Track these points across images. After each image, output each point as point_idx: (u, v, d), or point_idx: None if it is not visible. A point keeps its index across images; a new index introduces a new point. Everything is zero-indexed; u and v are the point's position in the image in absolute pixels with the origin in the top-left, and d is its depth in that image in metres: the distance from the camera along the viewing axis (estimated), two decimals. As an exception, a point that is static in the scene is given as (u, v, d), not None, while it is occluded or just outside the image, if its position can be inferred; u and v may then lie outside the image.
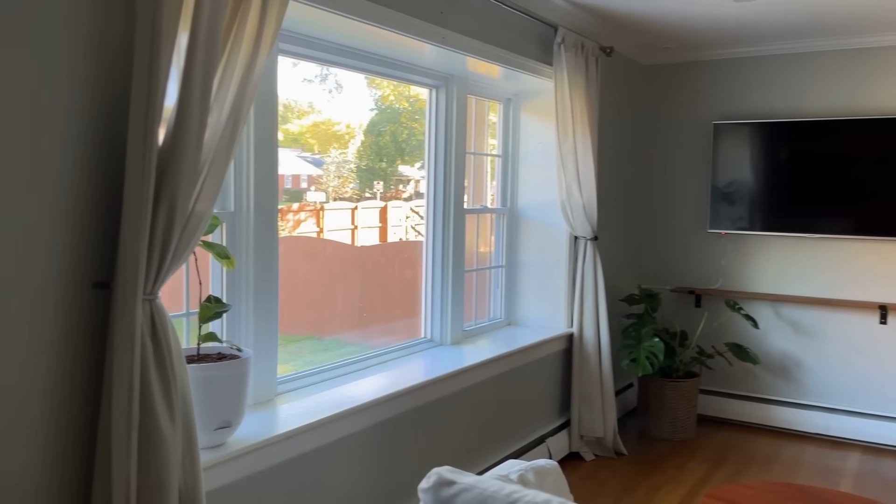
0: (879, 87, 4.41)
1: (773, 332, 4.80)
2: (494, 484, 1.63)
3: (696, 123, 5.02)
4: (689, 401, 4.59)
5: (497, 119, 4.29)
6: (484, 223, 4.26)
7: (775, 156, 4.64)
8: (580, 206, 4.08)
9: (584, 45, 4.02)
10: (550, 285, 4.30)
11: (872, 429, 4.50)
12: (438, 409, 3.20)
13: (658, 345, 4.34)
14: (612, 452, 4.29)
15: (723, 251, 4.95)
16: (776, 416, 4.78)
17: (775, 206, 4.65)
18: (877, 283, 4.47)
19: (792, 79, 4.67)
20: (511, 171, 4.34)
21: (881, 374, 4.48)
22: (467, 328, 3.99)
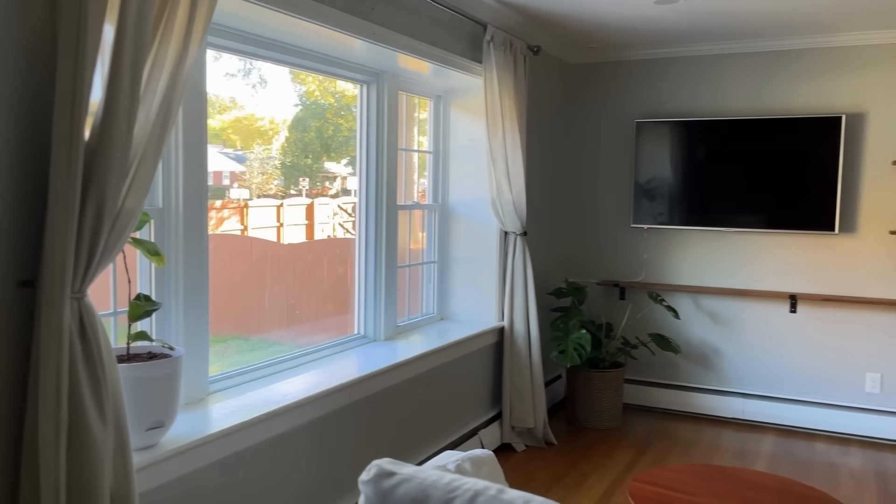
0: (789, 89, 4.66)
1: (693, 323, 5.00)
2: (434, 474, 1.66)
3: (619, 121, 5.18)
4: (615, 390, 4.74)
5: (428, 115, 4.31)
6: (416, 219, 4.29)
7: (694, 153, 4.84)
8: (510, 202, 4.15)
9: (513, 43, 4.09)
10: (482, 280, 4.36)
11: (785, 412, 4.75)
12: (373, 405, 3.21)
13: (585, 336, 4.47)
14: (543, 442, 4.39)
15: (645, 245, 5.13)
16: (697, 402, 4.99)
17: (694, 202, 4.84)
18: (787, 274, 4.72)
19: (708, 79, 4.88)
20: (442, 168, 4.38)
21: (792, 360, 4.74)
22: (400, 324, 4.01)
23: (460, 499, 1.57)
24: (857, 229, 4.52)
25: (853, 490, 3.80)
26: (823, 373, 4.66)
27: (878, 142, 4.45)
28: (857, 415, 4.57)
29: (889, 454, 4.33)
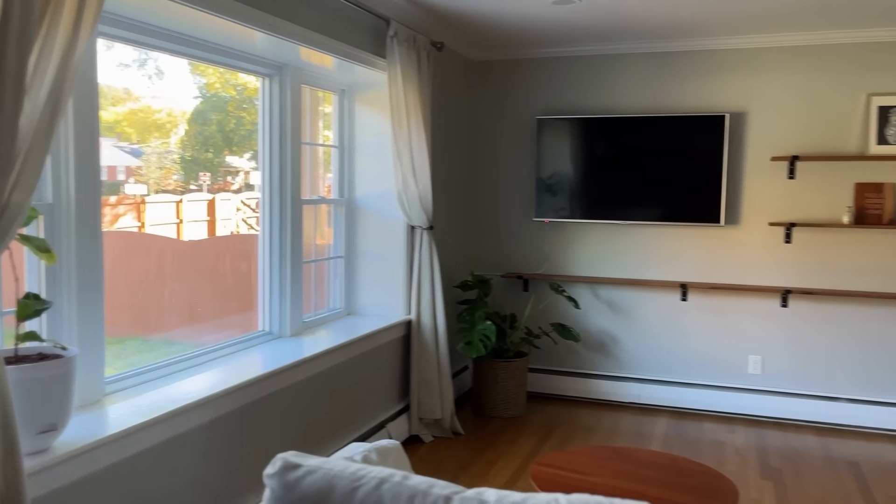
0: (678, 88, 4.92)
1: (592, 312, 5.21)
2: (339, 464, 1.68)
3: (522, 118, 5.31)
4: (520, 379, 4.88)
5: (332, 110, 4.30)
6: (322, 214, 4.27)
7: (592, 149, 5.03)
8: (416, 197, 4.19)
9: (416, 39, 4.13)
10: (389, 274, 4.39)
11: (677, 395, 5.03)
12: (279, 401, 3.18)
13: (490, 328, 4.58)
14: (450, 433, 4.47)
15: (547, 238, 5.29)
16: (596, 388, 5.20)
17: (593, 196, 5.04)
18: (678, 264, 4.99)
19: (605, 78, 5.08)
20: (347, 162, 4.37)
21: (683, 346, 5.01)
22: (307, 319, 3.98)
23: (366, 487, 1.60)
24: (741, 221, 4.83)
25: (737, 465, 4.07)
26: (711, 357, 4.95)
27: (759, 139, 4.77)
28: (741, 395, 4.88)
29: (769, 430, 4.65)
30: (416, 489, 1.58)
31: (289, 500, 1.63)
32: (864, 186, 4.55)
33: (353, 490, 1.60)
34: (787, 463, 4.11)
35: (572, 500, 1.52)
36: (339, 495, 1.60)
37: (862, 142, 4.56)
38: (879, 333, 4.60)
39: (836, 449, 4.33)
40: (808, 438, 4.51)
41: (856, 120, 4.56)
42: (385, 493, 1.58)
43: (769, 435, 4.57)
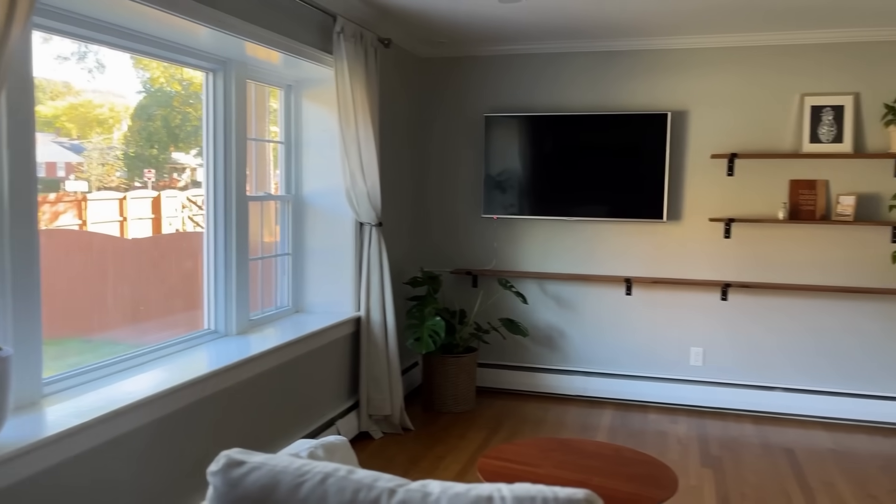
0: (623, 86, 5.02)
1: (539, 307, 5.28)
2: (284, 460, 1.69)
3: (470, 115, 5.35)
4: (469, 374, 4.92)
5: (279, 105, 4.26)
6: (269, 211, 4.23)
7: (539, 146, 5.10)
8: (364, 194, 4.19)
9: (364, 35, 4.13)
10: (337, 271, 4.37)
11: (622, 387, 5.14)
12: (225, 400, 3.15)
13: (440, 323, 4.61)
14: (400, 429, 4.48)
15: (495, 234, 5.35)
16: (544, 382, 5.29)
17: (540, 193, 5.11)
18: (623, 259, 5.10)
19: (551, 76, 5.15)
20: (295, 159, 4.34)
21: (628, 339, 5.13)
22: (254, 317, 3.95)
23: (310, 482, 1.61)
24: (683, 217, 4.96)
25: (679, 454, 4.19)
26: (655, 349, 5.08)
27: (699, 137, 4.90)
28: (684, 386, 5.02)
29: (710, 420, 4.80)
30: (360, 483, 1.60)
31: (232, 497, 1.62)
32: (798, 183, 4.72)
33: (297, 486, 1.60)
34: (727, 451, 4.24)
35: (514, 489, 1.56)
36: (284, 491, 1.60)
37: (796, 140, 4.73)
38: (813, 325, 4.78)
39: (772, 436, 4.50)
40: (747, 427, 4.67)
41: (790, 119, 4.73)
42: (330, 488, 1.59)
43: (710, 424, 4.71)
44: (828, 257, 4.73)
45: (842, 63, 4.62)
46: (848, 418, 4.75)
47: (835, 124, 4.60)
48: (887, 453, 4.24)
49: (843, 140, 4.59)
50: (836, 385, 4.77)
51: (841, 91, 4.63)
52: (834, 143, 4.60)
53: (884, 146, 4.58)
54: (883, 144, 4.58)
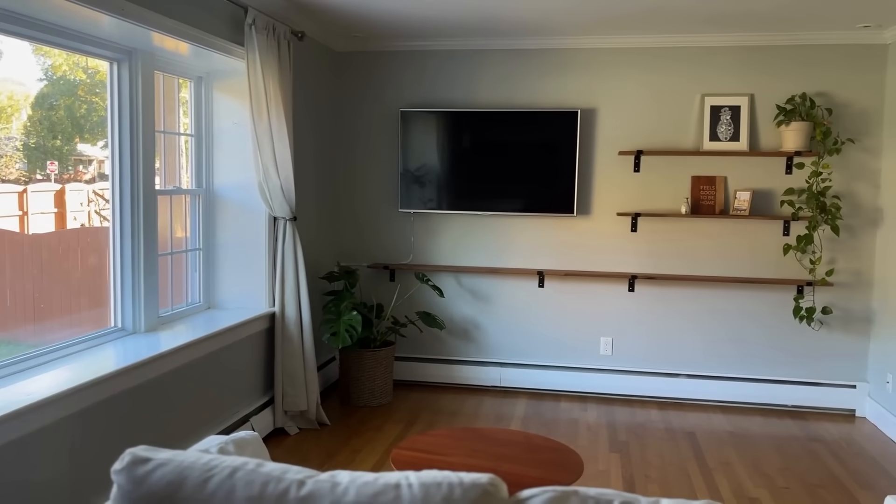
0: (534, 84, 5.14)
1: (456, 300, 5.36)
2: (192, 455, 1.68)
3: (385, 110, 5.37)
4: (386, 368, 4.95)
5: (189, 97, 4.17)
6: (179, 205, 4.13)
7: (453, 142, 5.16)
8: (278, 187, 4.15)
9: (276, 28, 4.08)
10: (251, 266, 4.32)
11: (535, 377, 5.28)
12: (134, 398, 3.07)
13: (356, 318, 4.61)
14: (316, 424, 4.47)
15: (412, 229, 5.39)
16: (460, 374, 5.37)
17: (455, 188, 5.18)
18: (536, 252, 5.23)
19: (465, 72, 5.23)
20: (206, 152, 4.25)
21: (540, 330, 5.27)
22: (164, 314, 3.86)
23: (218, 476, 1.61)
24: (592, 212, 5.14)
25: (588, 440, 4.35)
26: (566, 339, 5.24)
27: (607, 134, 5.08)
28: (594, 375, 5.21)
29: (618, 407, 5.00)
30: (269, 475, 1.61)
31: (137, 495, 1.61)
32: (699, 179, 4.96)
33: (204, 481, 1.60)
34: (633, 436, 4.43)
35: (421, 476, 1.60)
36: (191, 487, 1.59)
37: (697, 138, 4.97)
38: (714, 314, 5.04)
39: (675, 421, 4.72)
40: (652, 412, 4.89)
41: (692, 118, 4.97)
42: (238, 481, 1.59)
43: (618, 411, 4.90)
44: (726, 250, 4.99)
45: (738, 66, 4.88)
46: (745, 402, 5.04)
47: (732, 123, 4.86)
48: (780, 434, 4.52)
49: (740, 139, 4.85)
50: (735, 371, 5.05)
51: (738, 92, 4.90)
52: (732, 142, 4.86)
53: (776, 145, 4.87)
54: (775, 143, 4.87)
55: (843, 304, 4.88)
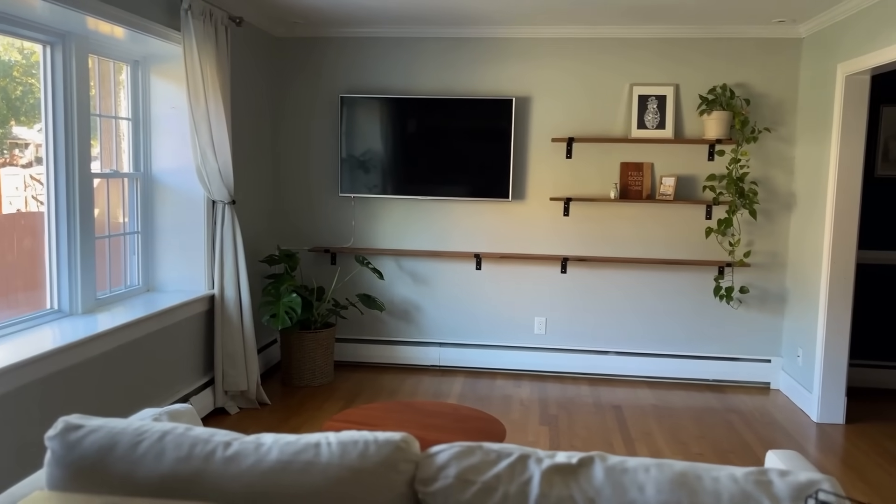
0: (473, 72, 5.29)
1: (396, 283, 5.50)
2: (124, 422, 1.78)
3: (326, 95, 5.44)
4: (327, 349, 5.07)
5: (125, 81, 4.18)
6: (116, 188, 4.15)
7: (393, 128, 5.28)
8: (216, 171, 4.21)
9: (213, 13, 4.12)
10: (189, 249, 4.37)
11: (473, 356, 5.47)
12: (73, 377, 3.13)
13: (296, 300, 4.71)
14: (257, 403, 4.57)
15: (353, 213, 5.50)
16: (400, 354, 5.52)
17: (396, 173, 5.30)
18: (473, 236, 5.40)
19: (406, 59, 5.34)
20: (143, 136, 4.28)
21: (477, 311, 5.45)
22: (102, 297, 3.89)
23: (149, 440, 1.72)
24: (526, 197, 5.32)
25: (521, 414, 4.56)
26: (502, 320, 5.43)
27: (541, 122, 5.26)
28: (528, 353, 5.42)
29: (550, 384, 5.22)
30: (197, 438, 1.73)
31: (70, 460, 1.70)
32: (627, 165, 5.19)
33: (135, 444, 1.71)
34: (563, 410, 4.65)
35: (340, 436, 1.75)
36: (122, 450, 1.70)
37: (626, 126, 5.19)
38: (641, 294, 5.30)
39: (604, 396, 4.96)
40: (582, 388, 5.12)
41: (621, 106, 5.18)
42: (168, 444, 1.71)
43: (550, 387, 5.12)
44: (653, 233, 5.24)
45: (664, 57, 5.11)
46: (669, 377, 5.31)
47: (658, 112, 5.10)
48: (698, 406, 4.81)
49: (666, 127, 5.09)
50: (660, 348, 5.31)
51: (663, 82, 5.13)
52: (658, 129, 5.10)
53: (699, 133, 5.13)
54: (698, 131, 5.13)
55: (759, 284, 5.18)
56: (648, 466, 1.65)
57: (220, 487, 1.64)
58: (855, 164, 4.41)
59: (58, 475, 1.70)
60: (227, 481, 1.64)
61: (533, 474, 1.67)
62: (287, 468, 1.65)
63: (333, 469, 1.65)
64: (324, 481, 1.64)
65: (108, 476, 1.68)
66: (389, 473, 1.65)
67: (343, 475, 1.64)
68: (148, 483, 1.66)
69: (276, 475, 1.64)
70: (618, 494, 1.58)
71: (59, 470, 1.70)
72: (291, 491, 1.63)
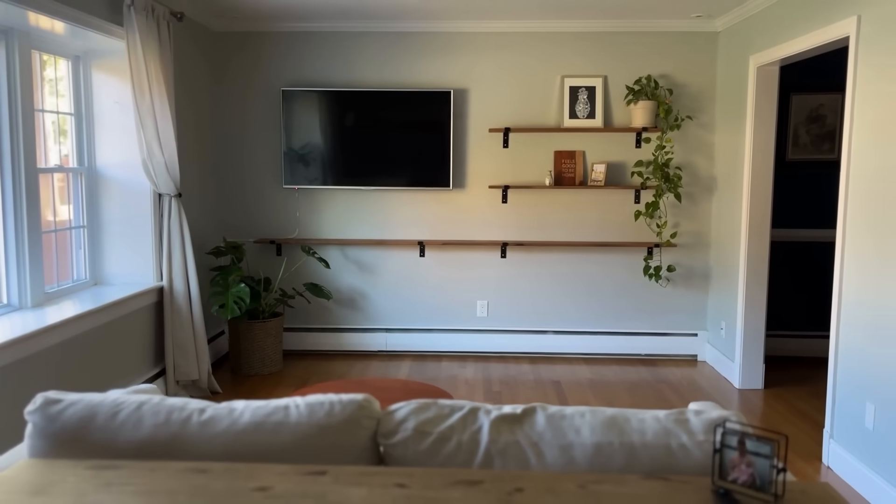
0: (412, 65, 5.45)
1: (342, 272, 5.64)
2: (101, 396, 1.90)
3: (268, 89, 5.52)
4: (276, 338, 5.17)
5: (67, 76, 4.19)
6: (62, 183, 4.16)
7: (335, 120, 5.40)
8: (162, 165, 4.27)
9: (155, 8, 4.17)
10: (137, 243, 4.41)
11: (419, 340, 5.66)
12: (23, 370, 3.18)
13: (244, 290, 4.80)
14: (208, 392, 4.65)
15: (297, 204, 5.60)
16: (348, 341, 5.67)
17: (339, 164, 5.43)
18: (416, 224, 5.58)
19: (346, 53, 5.47)
20: (87, 130, 4.30)
21: (422, 297, 5.64)
22: (50, 290, 3.92)
23: (127, 410, 1.85)
24: (466, 185, 5.53)
25: (466, 392, 4.77)
26: (446, 304, 5.64)
27: (478, 113, 5.48)
28: (472, 336, 5.64)
29: (493, 363, 5.45)
30: (173, 406, 1.87)
31: (51, 431, 1.82)
32: (561, 154, 5.45)
33: (114, 414, 1.83)
34: (506, 387, 4.89)
35: (307, 398, 1.91)
36: (102, 420, 1.82)
37: (558, 116, 5.45)
38: (577, 276, 5.58)
39: (544, 372, 5.23)
40: (524, 366, 5.38)
41: (554, 97, 5.44)
42: (145, 412, 1.84)
43: (493, 367, 5.36)
44: (586, 217, 5.53)
45: (593, 50, 5.39)
46: (604, 353, 5.62)
47: (589, 102, 5.37)
48: (632, 379, 5.11)
49: (596, 116, 5.37)
50: (595, 325, 5.61)
51: (593, 74, 5.41)
52: (588, 119, 5.37)
53: (627, 122, 5.43)
54: (626, 120, 5.43)
55: (685, 263, 5.53)
56: (584, 412, 1.88)
57: (198, 449, 1.79)
58: (767, 149, 4.77)
59: (40, 446, 1.81)
60: (203, 443, 1.79)
61: (483, 424, 1.88)
62: (259, 429, 1.81)
63: (302, 427, 1.81)
64: (294, 439, 1.80)
65: (89, 444, 1.80)
66: (354, 429, 1.82)
67: (312, 432, 1.80)
68: (128, 448, 1.79)
69: (249, 435, 1.80)
70: (558, 437, 1.80)
71: (41, 441, 1.81)
72: (264, 449, 1.79)
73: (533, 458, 1.78)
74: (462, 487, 1.62)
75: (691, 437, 1.76)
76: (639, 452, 1.74)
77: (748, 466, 1.56)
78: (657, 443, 1.75)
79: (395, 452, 1.81)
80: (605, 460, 1.75)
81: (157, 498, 1.55)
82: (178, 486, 1.60)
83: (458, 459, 1.78)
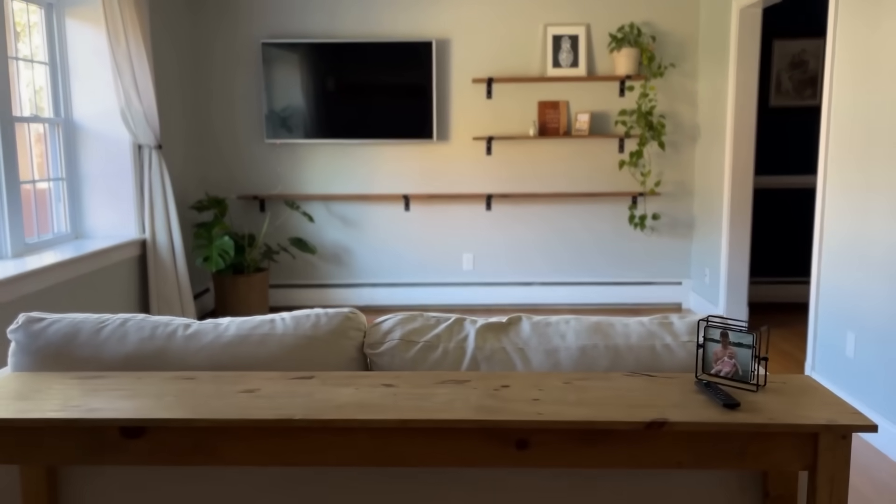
0: (393, 15, 5.38)
1: (326, 227, 5.61)
2: (82, 315, 1.89)
3: (248, 40, 5.44)
4: (261, 293, 5.16)
5: (39, 24, 4.10)
6: (39, 134, 4.10)
7: (317, 73, 5.34)
8: (141, 114, 4.20)
9: (129, -47, 4.08)
10: (117, 195, 4.36)
11: (406, 294, 5.66)
12: (3, 317, 3.15)
13: (228, 242, 4.77)
14: (195, 345, 4.63)
15: (279, 159, 5.55)
16: (333, 296, 5.66)
17: (321, 117, 5.37)
18: (401, 178, 5.55)
19: (325, 4, 5.38)
20: (62, 79, 4.22)
21: (407, 251, 5.63)
22: (30, 242, 3.87)
23: (111, 326, 1.83)
24: (450, 137, 5.50)
25: (453, 340, 4.79)
26: (433, 258, 5.64)
27: (461, 63, 5.43)
28: (458, 289, 5.65)
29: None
30: (158, 321, 1.86)
31: (36, 347, 1.81)
32: (544, 104, 5.43)
33: (98, 330, 1.82)
34: (493, 335, 4.91)
35: (293, 313, 1.90)
36: (86, 335, 1.81)
37: (542, 65, 5.42)
38: (561, 226, 5.59)
39: (530, 322, 5.25)
40: (511, 317, 5.39)
41: (536, 46, 5.40)
42: (130, 328, 1.83)
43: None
44: (570, 167, 5.52)
45: (576, -2, 5.35)
46: (591, 303, 5.65)
47: (572, 51, 5.34)
48: (618, 325, 5.15)
49: (579, 65, 5.34)
50: (581, 276, 5.64)
51: (576, 22, 5.37)
52: (572, 68, 5.34)
53: (610, 70, 5.41)
54: (609, 68, 5.41)
55: (669, 212, 5.55)
56: (569, 319, 1.89)
57: (184, 361, 1.78)
58: (750, 95, 4.76)
59: (24, 362, 1.80)
60: (189, 355, 1.79)
61: (469, 332, 1.89)
62: (245, 341, 1.80)
63: (289, 339, 1.81)
64: (280, 350, 1.80)
65: (74, 359, 1.79)
66: (340, 340, 1.82)
67: (298, 343, 1.80)
68: (114, 362, 1.78)
69: (235, 347, 1.79)
70: (543, 342, 1.81)
71: (25, 357, 1.80)
72: (251, 360, 1.78)
73: (519, 363, 1.79)
74: (450, 385, 1.63)
75: (675, 338, 1.77)
76: (624, 354, 1.76)
77: (731, 358, 1.58)
78: (642, 345, 1.76)
79: (382, 361, 1.82)
80: (590, 363, 1.76)
81: (144, 400, 1.55)
82: (165, 390, 1.60)
83: (444, 366, 1.79)
